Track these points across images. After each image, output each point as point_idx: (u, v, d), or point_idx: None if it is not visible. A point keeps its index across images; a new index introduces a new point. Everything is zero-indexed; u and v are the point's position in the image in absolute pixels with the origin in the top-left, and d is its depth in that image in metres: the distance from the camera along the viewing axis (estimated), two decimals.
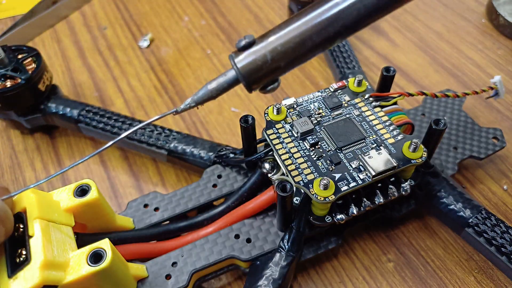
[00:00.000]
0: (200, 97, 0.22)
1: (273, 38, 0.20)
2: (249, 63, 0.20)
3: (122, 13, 0.53)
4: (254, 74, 0.21)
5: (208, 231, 0.29)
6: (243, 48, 0.21)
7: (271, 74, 0.21)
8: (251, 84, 0.21)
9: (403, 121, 0.29)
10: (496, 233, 0.28)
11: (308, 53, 0.20)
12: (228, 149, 0.32)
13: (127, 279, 0.24)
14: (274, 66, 0.20)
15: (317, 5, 0.20)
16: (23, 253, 0.20)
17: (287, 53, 0.20)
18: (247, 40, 0.20)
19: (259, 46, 0.20)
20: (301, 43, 0.20)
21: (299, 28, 0.20)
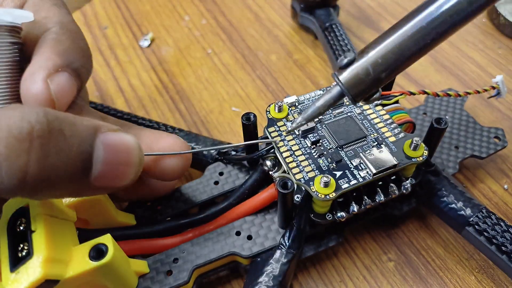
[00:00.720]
0: (310, 114, 0.23)
1: (373, 53, 0.21)
2: (352, 79, 0.22)
3: (123, 12, 0.53)
4: (358, 88, 0.22)
5: (210, 228, 0.29)
6: (345, 66, 0.22)
7: (374, 86, 0.22)
8: (356, 97, 0.22)
9: (404, 120, 0.29)
10: (497, 232, 0.28)
11: (408, 62, 0.21)
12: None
13: (129, 274, 0.24)
14: (375, 78, 0.21)
15: (411, 16, 0.21)
16: (25, 247, 0.20)
17: (387, 65, 0.21)
18: (348, 58, 0.22)
19: (361, 62, 0.21)
20: (400, 54, 0.21)
21: (396, 41, 0.21)
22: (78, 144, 0.18)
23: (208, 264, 0.27)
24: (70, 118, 0.19)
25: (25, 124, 0.17)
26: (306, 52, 0.47)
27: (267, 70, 0.45)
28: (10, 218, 0.21)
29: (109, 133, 0.20)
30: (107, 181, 0.20)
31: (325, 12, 0.44)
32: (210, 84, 0.44)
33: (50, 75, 0.21)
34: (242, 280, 0.30)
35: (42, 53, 0.22)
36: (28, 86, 0.21)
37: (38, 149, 0.17)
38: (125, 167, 0.20)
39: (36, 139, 0.17)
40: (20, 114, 0.17)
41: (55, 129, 0.18)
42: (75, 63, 0.22)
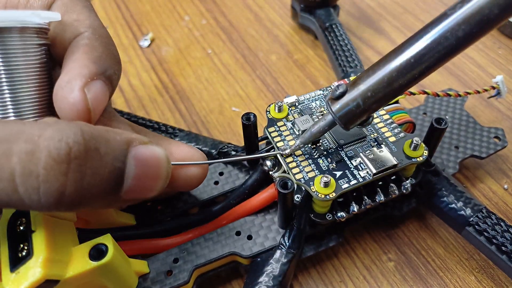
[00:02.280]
0: (307, 138, 0.26)
1: (363, 87, 0.23)
2: (343, 109, 0.24)
3: (122, 12, 0.53)
4: (349, 117, 0.24)
5: (210, 228, 0.29)
6: (337, 97, 0.24)
7: (363, 114, 0.24)
8: (347, 125, 0.24)
9: (405, 120, 0.29)
10: (497, 232, 0.28)
11: (396, 93, 0.22)
12: (229, 146, 0.32)
13: (129, 274, 0.24)
14: (365, 108, 0.23)
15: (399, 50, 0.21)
16: (25, 247, 0.20)
17: (376, 97, 0.22)
18: (340, 90, 0.23)
19: (351, 94, 0.23)
20: (388, 86, 0.22)
21: (384, 73, 0.22)
22: (112, 161, 0.18)
23: (208, 264, 0.27)
24: (104, 134, 0.19)
25: (63, 145, 0.17)
26: (306, 52, 0.47)
27: (267, 70, 0.45)
28: (10, 218, 0.21)
29: (140, 147, 0.20)
30: (136, 194, 0.20)
31: (325, 12, 0.44)
32: (210, 84, 0.44)
33: (87, 84, 0.21)
34: (242, 280, 0.30)
35: (77, 60, 0.21)
36: (66, 95, 0.20)
37: (75, 171, 0.17)
38: (155, 180, 0.21)
39: (74, 161, 0.17)
40: (59, 135, 0.17)
41: (91, 149, 0.18)
42: (108, 71, 0.22)
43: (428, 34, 0.20)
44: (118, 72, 0.24)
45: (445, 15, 0.20)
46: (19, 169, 0.16)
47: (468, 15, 0.19)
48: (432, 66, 0.21)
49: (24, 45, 0.21)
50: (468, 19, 0.19)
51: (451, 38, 0.19)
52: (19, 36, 0.20)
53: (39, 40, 0.21)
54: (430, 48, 0.20)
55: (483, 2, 0.18)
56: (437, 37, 0.20)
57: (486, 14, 0.18)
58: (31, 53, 0.21)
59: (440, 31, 0.20)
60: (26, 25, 0.20)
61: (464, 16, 0.19)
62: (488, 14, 0.18)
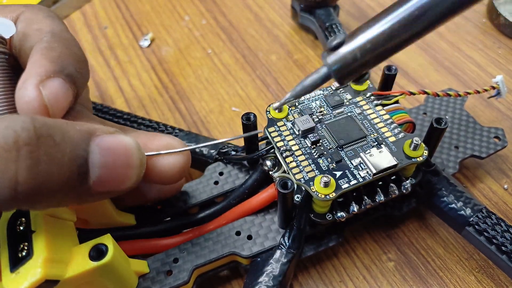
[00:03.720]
0: (298, 91, 0.23)
1: (362, 37, 0.21)
2: (339, 62, 0.21)
3: (122, 12, 0.53)
4: (345, 70, 0.22)
5: (210, 227, 0.29)
6: (334, 48, 0.22)
7: (360, 69, 0.22)
8: (342, 79, 0.22)
9: (405, 120, 0.29)
10: (497, 232, 0.28)
11: (396, 48, 0.21)
12: (229, 146, 0.32)
13: (129, 274, 0.24)
14: (363, 62, 0.21)
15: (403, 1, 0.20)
16: (25, 248, 0.20)
17: (376, 50, 0.21)
18: (337, 40, 0.21)
19: (349, 45, 0.21)
20: (389, 40, 0.20)
21: (386, 25, 0.20)
22: (70, 149, 0.18)
23: (208, 264, 0.27)
24: (60, 123, 0.19)
25: (10, 132, 0.17)
26: (306, 52, 0.47)
27: (267, 70, 0.45)
28: (10, 218, 0.21)
29: (105, 135, 0.20)
30: (108, 185, 0.20)
31: (325, 12, 0.44)
32: (210, 84, 0.44)
33: (42, 81, 0.21)
34: (242, 280, 0.30)
35: (34, 61, 0.21)
36: (21, 94, 0.20)
37: (26, 157, 0.17)
38: (126, 169, 0.20)
39: (23, 147, 0.17)
40: (5, 123, 0.17)
41: (43, 136, 0.17)
42: (68, 69, 0.22)
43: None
44: (82, 71, 0.23)
45: None
46: None
47: None
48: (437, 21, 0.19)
49: None
50: None
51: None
52: None
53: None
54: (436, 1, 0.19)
55: None
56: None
57: None
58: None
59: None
60: None
61: None
62: None
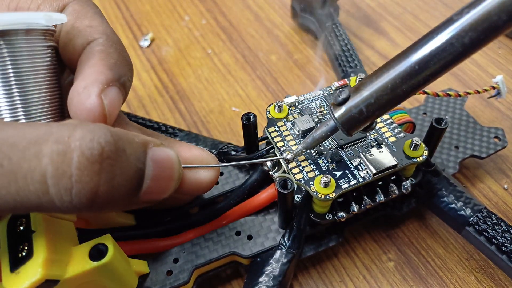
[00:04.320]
0: (309, 143, 0.25)
1: (366, 93, 0.22)
2: (346, 116, 0.23)
3: (123, 12, 0.53)
4: (351, 123, 0.23)
5: (210, 228, 0.29)
6: (340, 103, 0.23)
7: (367, 121, 0.23)
8: (350, 131, 0.24)
9: (405, 120, 0.29)
10: (497, 232, 0.28)
11: (400, 100, 0.22)
12: (230, 146, 0.32)
13: (129, 274, 0.24)
14: (368, 115, 0.22)
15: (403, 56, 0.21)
16: (25, 248, 0.20)
17: (380, 104, 0.22)
18: (343, 96, 0.23)
19: (354, 100, 0.23)
20: (392, 93, 0.21)
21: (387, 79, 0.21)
22: (135, 162, 0.19)
23: (208, 264, 0.27)
24: (127, 136, 0.19)
25: (96, 145, 0.17)
26: (306, 52, 0.47)
27: (267, 70, 0.45)
28: (10, 218, 0.21)
29: (155, 148, 0.20)
30: (152, 196, 0.20)
31: (325, 12, 0.44)
32: (210, 84, 0.44)
33: (103, 90, 0.21)
34: (242, 280, 0.30)
35: (93, 66, 0.21)
36: (83, 100, 0.20)
37: (107, 171, 0.17)
38: (168, 181, 0.21)
39: (106, 160, 0.17)
40: (90, 135, 0.17)
41: (120, 149, 0.18)
42: (123, 77, 0.22)
43: (433, 40, 0.19)
44: (131, 79, 0.24)
45: (451, 21, 0.19)
46: (51, 170, 0.16)
47: (475, 22, 0.18)
48: (437, 73, 0.20)
49: (31, 47, 0.21)
50: (475, 26, 0.18)
51: (457, 44, 0.19)
52: (25, 38, 0.20)
53: (46, 42, 0.21)
54: (435, 55, 0.20)
55: (491, 8, 0.18)
56: (442, 44, 0.19)
57: (494, 20, 0.18)
58: (38, 55, 0.21)
59: (445, 38, 0.19)
60: (32, 27, 0.21)
61: (470, 22, 0.18)
62: (496, 21, 0.18)
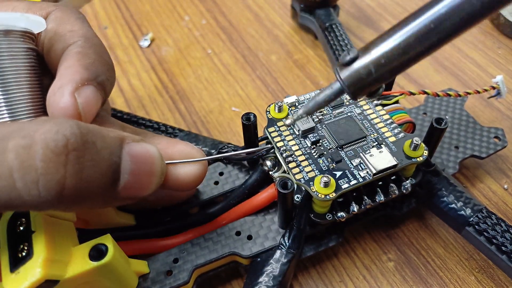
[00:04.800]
0: (311, 108, 0.23)
1: (376, 52, 0.21)
2: (354, 77, 0.21)
3: (122, 12, 0.53)
4: (358, 85, 0.21)
5: (210, 228, 0.29)
6: (347, 63, 0.21)
7: (375, 84, 0.21)
8: (356, 94, 0.22)
9: (405, 120, 0.29)
10: (497, 232, 0.28)
11: (411, 62, 0.21)
12: (229, 146, 0.32)
13: (129, 274, 0.24)
14: (377, 77, 0.21)
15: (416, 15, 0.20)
16: (25, 248, 0.20)
17: (390, 65, 0.20)
18: (351, 55, 0.21)
19: (363, 60, 0.21)
20: (405, 54, 0.20)
21: (400, 39, 0.20)
22: (108, 155, 0.19)
23: (208, 264, 0.27)
24: (100, 130, 0.19)
25: (61, 137, 0.17)
26: (306, 52, 0.47)
27: (267, 70, 0.45)
28: (10, 219, 0.21)
29: (133, 143, 0.20)
30: (133, 191, 0.20)
31: (325, 12, 0.44)
32: (210, 84, 0.44)
33: (77, 89, 0.21)
34: (242, 280, 0.30)
35: (68, 66, 0.22)
36: (57, 100, 0.21)
37: (74, 162, 0.17)
38: (149, 177, 0.21)
39: (72, 152, 0.17)
40: (55, 127, 0.17)
41: (88, 142, 0.18)
42: (100, 77, 0.22)
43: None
44: (111, 79, 0.24)
45: None
46: (17, 164, 0.16)
47: None
48: (453, 33, 0.19)
49: (11, 47, 0.21)
50: None
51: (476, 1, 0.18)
52: (4, 39, 0.21)
53: (24, 44, 0.22)
54: (451, 13, 0.18)
55: None
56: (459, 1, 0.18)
57: None
58: (18, 56, 0.21)
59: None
60: (10, 28, 0.21)
61: None
62: None
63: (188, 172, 0.24)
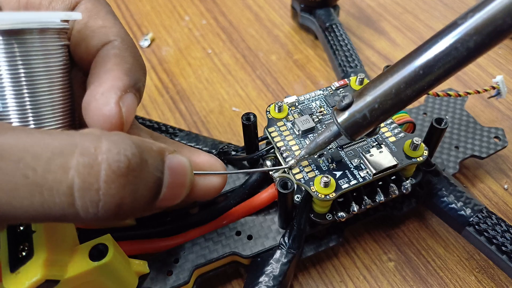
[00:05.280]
0: (312, 149, 0.25)
1: (370, 97, 0.22)
2: (350, 121, 0.23)
3: (123, 12, 0.53)
4: (355, 128, 0.23)
5: (210, 227, 0.29)
6: (343, 108, 0.23)
7: (370, 126, 0.23)
8: (353, 136, 0.23)
9: (405, 120, 0.29)
10: (497, 232, 0.28)
11: (404, 104, 0.22)
12: (230, 146, 0.32)
13: (129, 274, 0.24)
14: (372, 120, 0.22)
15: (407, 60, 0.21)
16: (25, 248, 0.20)
17: (384, 109, 0.22)
18: (346, 101, 0.23)
19: (358, 105, 0.22)
20: (396, 97, 0.21)
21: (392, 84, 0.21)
22: (155, 171, 0.19)
23: (208, 264, 0.27)
24: (148, 145, 0.19)
25: (123, 158, 0.17)
26: (306, 52, 0.47)
27: (267, 70, 0.45)
28: None
29: (171, 156, 0.20)
30: (166, 202, 0.20)
31: (325, 12, 0.44)
32: (210, 84, 0.44)
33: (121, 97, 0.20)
34: (242, 280, 0.30)
35: (109, 71, 0.21)
36: (100, 107, 0.20)
37: (132, 183, 0.17)
38: (181, 188, 0.21)
39: (131, 173, 0.17)
40: (116, 147, 0.17)
41: (144, 161, 0.18)
42: (138, 84, 0.22)
43: (437, 44, 0.19)
44: (144, 83, 0.23)
45: (455, 25, 0.19)
46: (78, 182, 0.16)
47: (480, 25, 0.18)
48: (441, 77, 0.20)
49: (45, 47, 0.20)
50: (480, 29, 0.18)
51: (462, 49, 0.19)
52: (39, 38, 0.19)
53: (60, 41, 0.21)
54: (439, 59, 0.19)
55: (496, 12, 0.17)
56: (447, 48, 0.19)
57: (500, 24, 0.17)
58: (52, 55, 0.20)
59: (450, 42, 0.19)
60: (47, 26, 0.20)
61: (475, 26, 0.18)
62: (501, 25, 0.17)
63: (214, 183, 0.24)
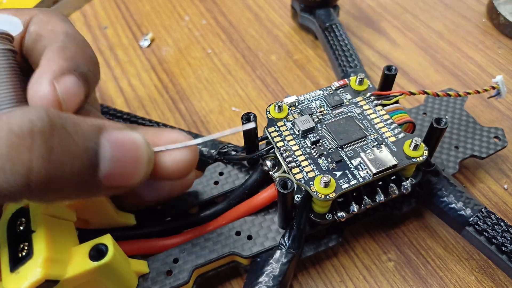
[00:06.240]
0: None
1: None
2: None
3: (122, 12, 0.53)
4: None
5: (210, 228, 0.29)
6: None
7: None
8: None
9: (405, 120, 0.29)
10: (497, 232, 0.28)
11: None
12: (229, 146, 0.32)
13: (129, 274, 0.24)
14: None
15: None
16: (25, 248, 0.20)
17: None
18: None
19: None
20: None
21: None
22: (82, 141, 0.18)
23: (208, 264, 0.27)
24: (73, 117, 0.19)
25: (25, 121, 0.17)
26: (306, 52, 0.47)
27: (267, 70, 0.45)
28: (10, 218, 0.21)
29: (114, 130, 0.20)
30: (118, 179, 0.20)
31: (325, 12, 0.44)
32: (210, 84, 0.44)
33: (57, 78, 0.21)
34: (242, 280, 0.31)
35: (48, 59, 0.22)
36: (35, 89, 0.21)
37: (40, 146, 0.17)
38: (135, 164, 0.20)
39: (38, 136, 0.17)
40: (20, 113, 0.17)
41: (57, 126, 0.18)
42: (82, 68, 0.22)
43: None
44: (94, 72, 0.24)
45: None
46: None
47: None
48: None
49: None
50: None
51: None
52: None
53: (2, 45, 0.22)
54: None
55: None
56: None
57: None
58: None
59: None
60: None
61: None
62: None
63: (178, 158, 0.23)
